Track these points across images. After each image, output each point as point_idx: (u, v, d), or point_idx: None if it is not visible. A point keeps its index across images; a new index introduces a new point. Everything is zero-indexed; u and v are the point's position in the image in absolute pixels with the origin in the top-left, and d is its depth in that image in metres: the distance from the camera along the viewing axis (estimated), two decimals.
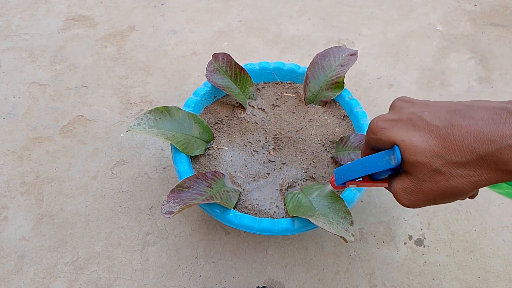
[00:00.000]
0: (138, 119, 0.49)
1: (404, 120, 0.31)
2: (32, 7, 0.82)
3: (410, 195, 0.31)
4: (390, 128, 0.31)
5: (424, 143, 0.29)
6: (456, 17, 0.82)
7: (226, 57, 0.57)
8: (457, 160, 0.28)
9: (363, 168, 0.33)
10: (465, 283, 0.51)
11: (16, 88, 0.70)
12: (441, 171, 0.28)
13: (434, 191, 0.29)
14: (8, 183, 0.59)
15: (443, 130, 0.28)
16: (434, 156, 0.28)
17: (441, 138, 0.28)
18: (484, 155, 0.27)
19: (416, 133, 0.29)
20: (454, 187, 0.29)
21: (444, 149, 0.28)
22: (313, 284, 0.51)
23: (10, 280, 0.51)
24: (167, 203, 0.43)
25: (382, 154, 0.32)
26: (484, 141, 0.27)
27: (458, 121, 0.28)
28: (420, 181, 0.30)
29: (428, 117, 0.30)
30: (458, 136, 0.28)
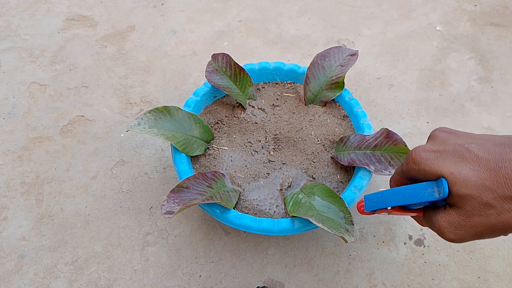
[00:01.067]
0: (138, 119, 0.49)
1: (450, 151, 0.30)
2: (32, 7, 0.82)
3: (457, 229, 0.30)
4: (435, 160, 0.30)
5: (475, 176, 0.28)
6: (456, 17, 0.82)
7: (226, 58, 0.57)
8: (509, 195, 0.27)
9: (401, 198, 0.32)
10: (465, 283, 0.51)
11: (16, 88, 0.70)
12: (493, 205, 0.28)
13: (484, 225, 0.29)
14: (8, 183, 0.59)
15: (493, 164, 0.28)
16: (485, 190, 0.28)
17: (492, 172, 0.28)
18: None
19: (465, 166, 0.29)
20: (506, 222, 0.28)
21: (496, 183, 0.28)
22: (313, 284, 0.51)
23: (10, 280, 0.51)
24: (167, 203, 0.43)
25: (425, 185, 0.31)
26: None
27: (509, 155, 0.28)
28: (469, 215, 0.29)
29: (477, 150, 0.29)
30: (510, 170, 0.27)
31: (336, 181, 0.51)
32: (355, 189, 0.48)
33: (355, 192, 0.47)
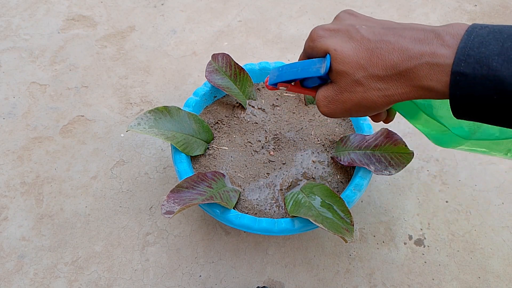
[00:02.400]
0: (138, 119, 0.49)
1: (342, 30, 0.32)
2: (32, 7, 0.82)
3: (330, 103, 0.33)
4: (327, 37, 0.32)
5: (353, 54, 0.30)
6: (456, 17, 0.82)
7: (226, 57, 0.57)
8: (377, 74, 0.29)
9: (294, 72, 0.35)
10: (465, 283, 0.51)
11: (16, 88, 0.70)
12: (362, 82, 0.30)
13: (351, 101, 0.32)
14: (8, 183, 0.59)
15: (373, 44, 0.30)
16: (359, 68, 0.30)
17: (369, 51, 0.30)
18: (403, 71, 0.28)
19: (349, 44, 0.31)
20: (370, 99, 0.31)
21: (370, 62, 0.30)
22: (313, 284, 0.51)
23: (10, 280, 0.51)
24: (167, 203, 0.43)
25: (314, 61, 0.33)
26: (405, 57, 0.28)
27: (388, 37, 0.30)
28: (341, 91, 0.32)
29: (364, 31, 0.31)
30: (385, 51, 0.29)
31: (336, 181, 0.51)
32: (355, 189, 0.48)
33: (355, 192, 0.47)
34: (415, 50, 0.28)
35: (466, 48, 0.26)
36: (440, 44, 0.27)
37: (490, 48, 0.25)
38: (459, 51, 0.26)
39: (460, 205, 0.57)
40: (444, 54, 0.27)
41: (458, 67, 0.26)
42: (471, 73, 0.25)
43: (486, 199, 0.58)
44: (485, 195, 0.58)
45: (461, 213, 0.56)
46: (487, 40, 0.26)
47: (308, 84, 0.36)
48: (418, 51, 0.28)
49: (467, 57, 0.26)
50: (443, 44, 0.27)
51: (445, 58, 0.27)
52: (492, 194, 0.58)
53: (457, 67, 0.26)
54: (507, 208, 0.57)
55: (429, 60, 0.27)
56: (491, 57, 0.25)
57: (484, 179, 0.60)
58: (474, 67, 0.25)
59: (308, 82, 0.36)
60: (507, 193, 0.58)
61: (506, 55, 0.25)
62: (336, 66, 0.31)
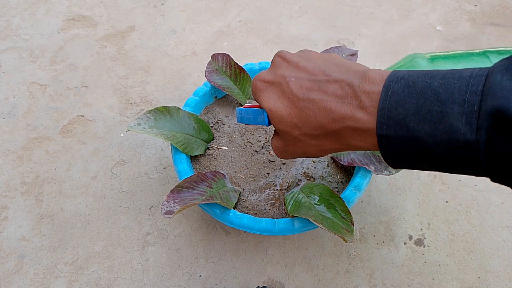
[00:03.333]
0: (138, 119, 0.49)
1: (276, 83, 0.35)
2: (32, 7, 0.82)
3: (281, 153, 0.37)
4: (264, 91, 0.35)
5: (287, 113, 0.33)
6: (456, 17, 0.82)
7: (226, 57, 0.57)
8: (310, 133, 0.32)
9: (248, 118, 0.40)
10: (465, 283, 0.51)
11: (16, 88, 0.70)
12: (300, 139, 0.33)
13: (297, 152, 0.35)
14: (8, 183, 0.59)
15: (301, 103, 0.32)
16: (294, 127, 0.33)
17: (299, 110, 0.32)
18: (330, 132, 0.31)
19: (281, 103, 0.33)
20: (310, 152, 0.34)
21: (301, 121, 0.32)
22: (313, 284, 0.51)
23: (10, 280, 0.51)
24: (167, 203, 0.43)
25: (260, 112, 0.38)
26: (330, 119, 0.30)
27: (313, 95, 0.32)
28: (286, 144, 0.35)
29: (293, 85, 0.33)
30: (311, 111, 0.31)
31: (336, 181, 0.51)
32: (355, 189, 0.48)
33: (355, 192, 0.47)
34: (337, 112, 0.30)
35: (385, 109, 0.27)
36: (359, 107, 0.29)
37: (406, 108, 0.26)
38: (379, 113, 0.27)
39: (460, 205, 0.57)
40: (364, 119, 0.28)
41: (381, 130, 0.27)
42: (394, 135, 0.26)
43: (486, 199, 0.58)
44: (485, 195, 0.58)
45: (461, 213, 0.56)
46: (402, 98, 0.26)
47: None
48: (340, 113, 0.30)
49: (387, 119, 0.27)
50: (361, 106, 0.28)
51: (365, 122, 0.28)
52: (492, 194, 0.58)
53: (380, 131, 0.27)
54: (507, 208, 0.57)
55: (351, 124, 0.29)
56: (408, 118, 0.26)
57: (484, 179, 0.60)
58: (395, 129, 0.26)
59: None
60: (507, 193, 0.58)
61: (420, 114, 0.25)
62: (275, 125, 0.34)
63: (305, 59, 0.35)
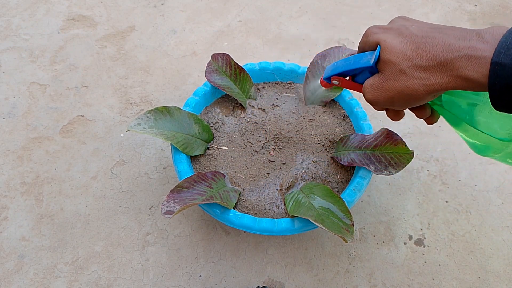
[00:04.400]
0: (138, 119, 0.49)
1: (394, 28, 0.35)
2: (32, 7, 0.82)
3: (374, 90, 0.35)
4: (380, 33, 0.35)
5: (401, 46, 0.33)
6: (456, 17, 0.82)
7: (226, 58, 0.57)
8: (420, 64, 0.32)
9: (347, 64, 0.38)
10: (465, 283, 0.51)
11: (16, 88, 0.70)
12: (405, 71, 0.33)
13: (394, 89, 0.34)
14: (8, 183, 0.59)
15: (419, 39, 0.32)
16: (404, 58, 0.33)
17: (415, 44, 0.32)
18: (443, 62, 0.31)
19: (398, 38, 0.34)
20: (412, 87, 0.33)
21: (414, 54, 0.32)
22: (313, 284, 0.51)
23: (10, 280, 0.51)
24: (167, 203, 0.43)
25: (366, 53, 0.36)
26: (447, 50, 0.31)
27: (434, 33, 0.32)
28: (386, 79, 0.34)
29: (413, 28, 0.34)
30: (429, 44, 0.32)
31: (336, 181, 0.51)
32: (355, 189, 0.48)
33: (355, 192, 0.47)
34: (456, 44, 0.30)
35: (506, 42, 0.28)
36: (480, 40, 0.30)
37: None
38: (499, 45, 0.28)
39: (460, 205, 0.57)
40: (483, 48, 0.29)
41: (498, 58, 0.28)
42: (510, 63, 0.27)
43: (486, 199, 0.58)
44: (485, 195, 0.58)
45: (461, 213, 0.56)
46: None
47: (359, 79, 0.38)
48: (460, 45, 0.30)
49: (507, 49, 0.28)
50: (482, 41, 0.30)
51: (483, 51, 0.29)
52: (492, 194, 0.58)
53: (497, 58, 0.28)
54: (507, 208, 0.57)
55: (468, 53, 0.29)
56: None
57: (484, 179, 0.60)
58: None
59: (359, 77, 0.38)
60: (507, 193, 0.58)
61: None
62: (383, 56, 0.34)
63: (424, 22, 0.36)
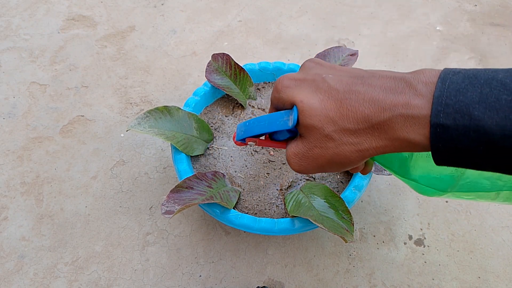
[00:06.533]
0: (138, 119, 0.49)
1: (308, 80, 0.30)
2: (32, 7, 0.82)
3: (301, 160, 0.31)
4: (293, 87, 0.31)
5: (321, 106, 0.28)
6: (456, 17, 0.82)
7: (226, 58, 0.57)
8: (349, 127, 0.27)
9: (262, 126, 0.33)
10: (465, 283, 0.51)
11: (16, 88, 0.70)
12: (332, 137, 0.28)
13: (323, 157, 0.29)
14: (8, 183, 0.59)
15: (341, 95, 0.28)
16: (328, 121, 0.28)
17: (338, 103, 0.28)
18: (376, 124, 0.26)
19: (315, 96, 0.29)
20: (342, 154, 0.28)
21: (339, 115, 0.28)
22: (313, 284, 0.51)
23: (10, 280, 0.51)
24: (167, 203, 0.43)
25: (282, 113, 0.31)
26: (378, 109, 0.26)
27: (357, 87, 0.28)
28: (311, 146, 0.29)
29: (331, 80, 0.29)
30: (355, 101, 0.27)
31: (336, 181, 0.51)
32: (355, 189, 0.48)
33: (355, 192, 0.47)
34: (387, 101, 0.26)
35: (443, 96, 0.24)
36: (413, 94, 0.25)
37: (469, 96, 0.23)
38: (435, 101, 0.24)
39: (460, 205, 0.57)
40: (419, 104, 0.25)
41: (437, 118, 0.24)
42: (452, 124, 0.23)
43: None
44: None
45: (461, 213, 0.56)
46: (463, 87, 0.24)
47: (277, 137, 0.34)
48: (391, 101, 0.26)
49: (445, 106, 0.24)
50: (416, 94, 0.25)
51: (420, 109, 0.25)
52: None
53: (436, 119, 0.24)
54: (507, 208, 0.57)
55: (404, 112, 0.25)
56: (471, 105, 0.23)
57: None
58: (455, 117, 0.23)
59: (277, 135, 0.34)
60: None
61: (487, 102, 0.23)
62: (304, 120, 0.29)
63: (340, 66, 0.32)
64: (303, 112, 0.29)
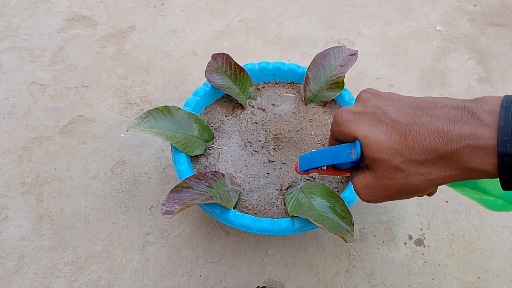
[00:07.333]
0: (138, 119, 0.49)
1: (368, 113, 0.31)
2: (32, 7, 0.82)
3: (370, 191, 0.31)
4: (353, 121, 0.31)
5: (386, 139, 0.29)
6: (456, 17, 0.82)
7: (226, 58, 0.57)
8: (416, 158, 0.28)
9: (325, 159, 0.34)
10: (465, 283, 0.51)
11: (16, 88, 0.70)
12: (401, 168, 0.29)
13: (393, 187, 0.30)
14: (8, 183, 0.59)
15: (405, 127, 0.29)
16: (395, 153, 0.29)
17: (402, 135, 0.28)
18: (443, 154, 0.27)
19: (378, 129, 0.30)
20: (412, 184, 0.29)
21: (405, 147, 0.28)
22: (313, 284, 0.51)
23: (10, 280, 0.51)
24: (167, 203, 0.43)
25: (344, 147, 0.32)
26: (444, 140, 0.27)
27: (420, 118, 0.28)
28: (380, 178, 0.30)
29: (392, 112, 0.30)
30: (419, 133, 0.28)
31: (336, 181, 0.51)
32: None
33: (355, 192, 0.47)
34: (453, 132, 0.27)
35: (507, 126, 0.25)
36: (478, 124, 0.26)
37: None
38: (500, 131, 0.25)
39: (460, 205, 0.57)
40: (485, 135, 0.26)
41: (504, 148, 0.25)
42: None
43: None
44: None
45: (461, 213, 0.56)
46: None
47: (340, 167, 0.35)
48: (457, 132, 0.27)
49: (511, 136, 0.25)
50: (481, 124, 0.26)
51: (487, 139, 0.26)
52: None
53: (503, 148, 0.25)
54: None
55: (471, 143, 0.26)
56: None
57: None
58: None
59: (340, 165, 0.35)
60: None
61: None
62: (369, 153, 0.30)
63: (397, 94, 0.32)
64: (369, 147, 0.30)
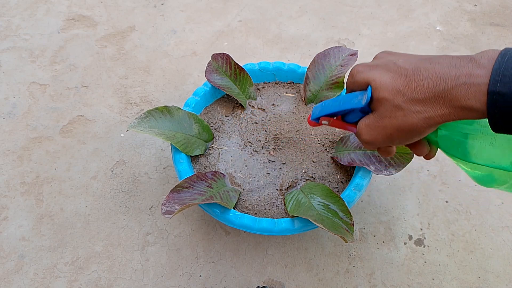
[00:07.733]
0: (138, 119, 0.49)
1: (380, 65, 0.34)
2: (32, 7, 0.82)
3: (371, 130, 0.34)
4: (366, 71, 0.34)
5: (391, 81, 0.32)
6: (456, 17, 0.82)
7: (226, 58, 0.57)
8: (416, 97, 0.31)
9: (337, 105, 0.36)
10: (465, 283, 0.51)
11: (16, 88, 0.70)
12: (401, 107, 0.31)
13: (392, 126, 0.32)
14: (8, 183, 0.59)
15: (410, 72, 0.31)
16: (397, 93, 0.31)
17: (406, 78, 0.31)
18: (440, 92, 0.30)
19: (387, 74, 0.33)
20: (410, 122, 0.31)
21: (407, 87, 0.31)
22: (313, 284, 0.51)
23: (10, 280, 0.51)
24: (167, 203, 0.43)
25: (356, 94, 0.35)
26: (443, 80, 0.30)
27: (425, 64, 0.31)
28: (381, 117, 0.33)
29: (401, 62, 0.33)
30: (422, 76, 0.31)
31: (336, 181, 0.51)
32: (355, 189, 0.48)
33: (355, 192, 0.47)
34: (451, 73, 0.29)
35: (501, 68, 0.27)
36: (476, 66, 0.29)
37: None
38: (494, 72, 0.28)
39: (460, 205, 0.57)
40: (479, 74, 0.28)
41: (494, 87, 0.27)
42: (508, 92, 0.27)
43: (486, 199, 0.58)
44: (485, 195, 0.58)
45: (461, 213, 0.56)
46: None
47: (349, 119, 0.37)
48: (455, 73, 0.29)
49: (503, 77, 0.27)
50: (479, 66, 0.29)
51: (481, 78, 0.28)
52: (492, 194, 0.58)
53: (493, 87, 0.27)
54: (507, 208, 0.57)
55: (466, 81, 0.29)
56: None
57: None
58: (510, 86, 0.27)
59: (349, 116, 0.37)
60: (507, 193, 0.58)
61: None
62: (376, 95, 0.32)
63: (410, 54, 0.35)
64: (376, 89, 0.33)
